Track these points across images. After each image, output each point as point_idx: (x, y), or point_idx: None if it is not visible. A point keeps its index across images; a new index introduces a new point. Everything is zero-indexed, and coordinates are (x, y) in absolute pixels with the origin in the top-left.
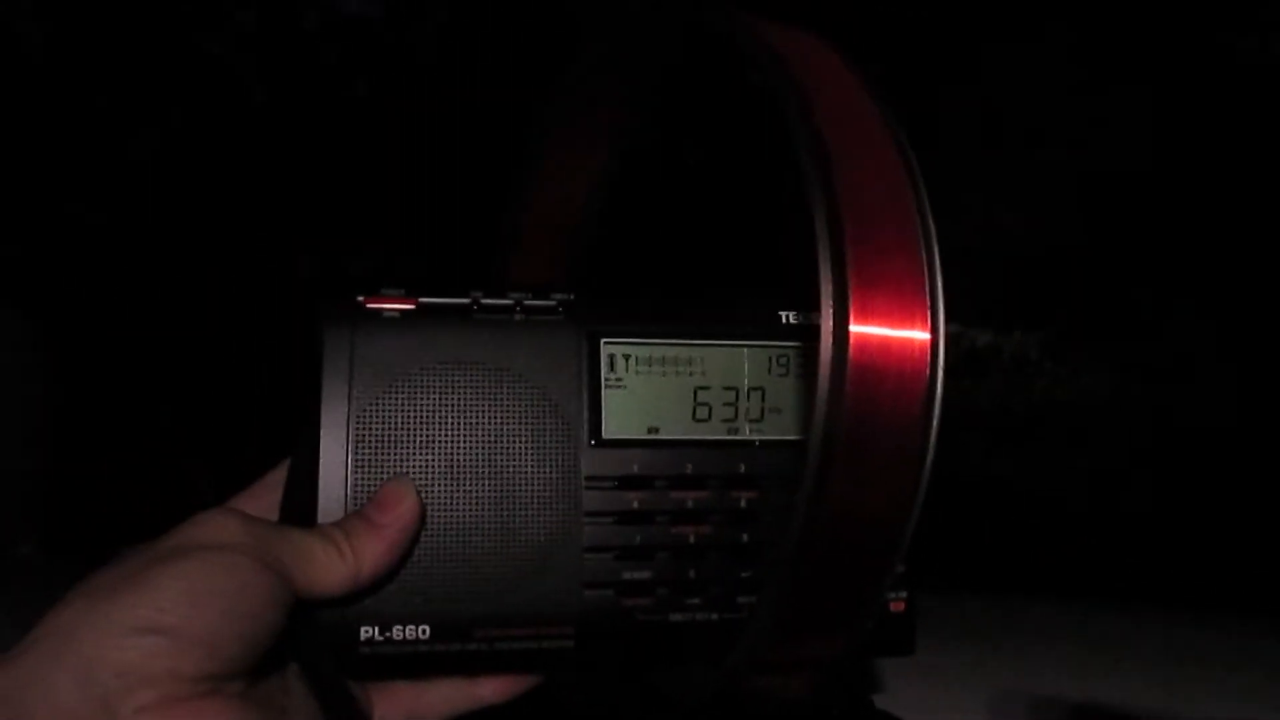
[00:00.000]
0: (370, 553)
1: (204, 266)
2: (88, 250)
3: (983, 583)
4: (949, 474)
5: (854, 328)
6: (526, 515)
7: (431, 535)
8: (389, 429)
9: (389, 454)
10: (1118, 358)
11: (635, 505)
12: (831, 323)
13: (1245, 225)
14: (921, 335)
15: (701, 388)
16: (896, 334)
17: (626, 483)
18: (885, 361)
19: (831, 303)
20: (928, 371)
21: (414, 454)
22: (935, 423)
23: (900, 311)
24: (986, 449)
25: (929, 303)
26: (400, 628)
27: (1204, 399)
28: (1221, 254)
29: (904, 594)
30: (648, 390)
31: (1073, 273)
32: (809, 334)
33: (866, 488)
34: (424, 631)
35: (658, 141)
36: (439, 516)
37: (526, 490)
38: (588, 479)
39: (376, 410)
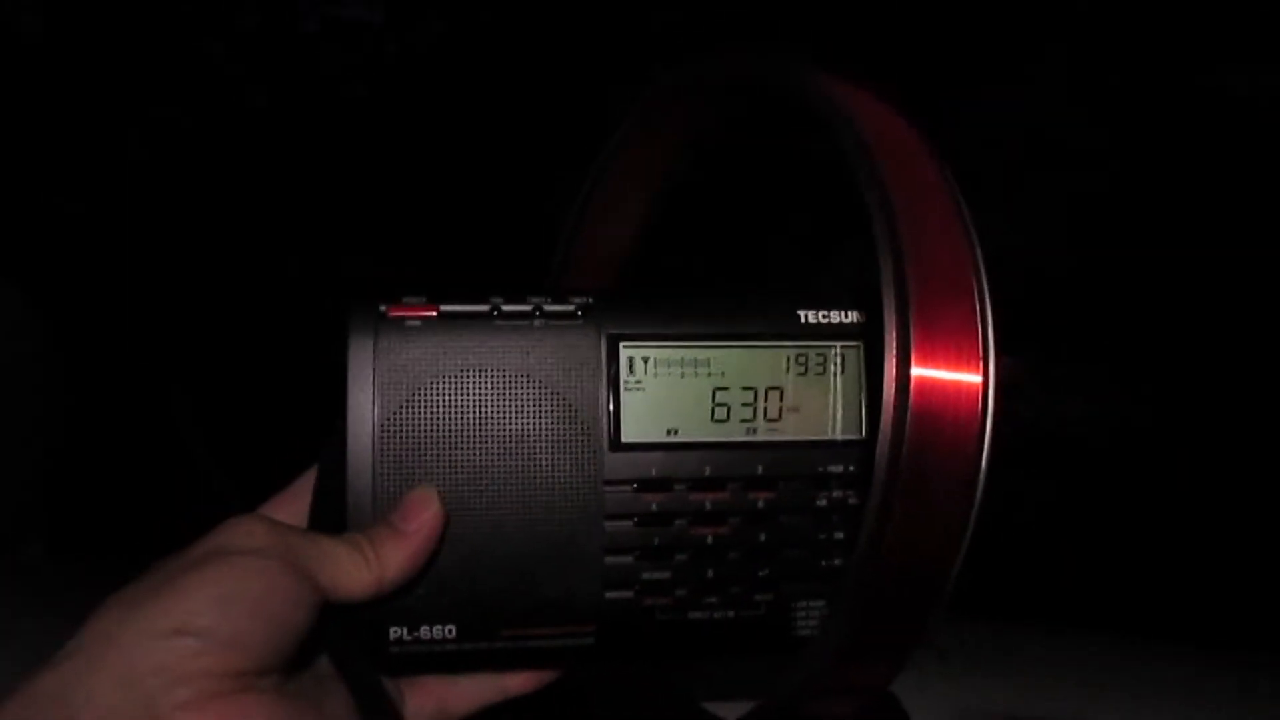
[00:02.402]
0: (395, 559)
1: (210, 266)
2: (93, 248)
3: (962, 608)
4: None
5: (915, 370)
6: (548, 518)
7: (457, 539)
8: (413, 436)
9: (414, 460)
10: (1103, 384)
11: (654, 507)
12: (895, 367)
13: (1233, 253)
14: (974, 378)
15: (720, 388)
16: (953, 377)
17: (646, 485)
18: (942, 402)
19: (895, 348)
20: (979, 410)
21: (438, 460)
22: (986, 458)
23: (956, 356)
24: None
25: (981, 347)
26: (428, 627)
27: (1190, 427)
28: (1209, 282)
29: None
30: (666, 392)
31: (1059, 298)
32: (827, 332)
33: (924, 519)
34: (451, 631)
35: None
36: (464, 520)
37: (548, 493)
38: (608, 482)
39: (401, 418)
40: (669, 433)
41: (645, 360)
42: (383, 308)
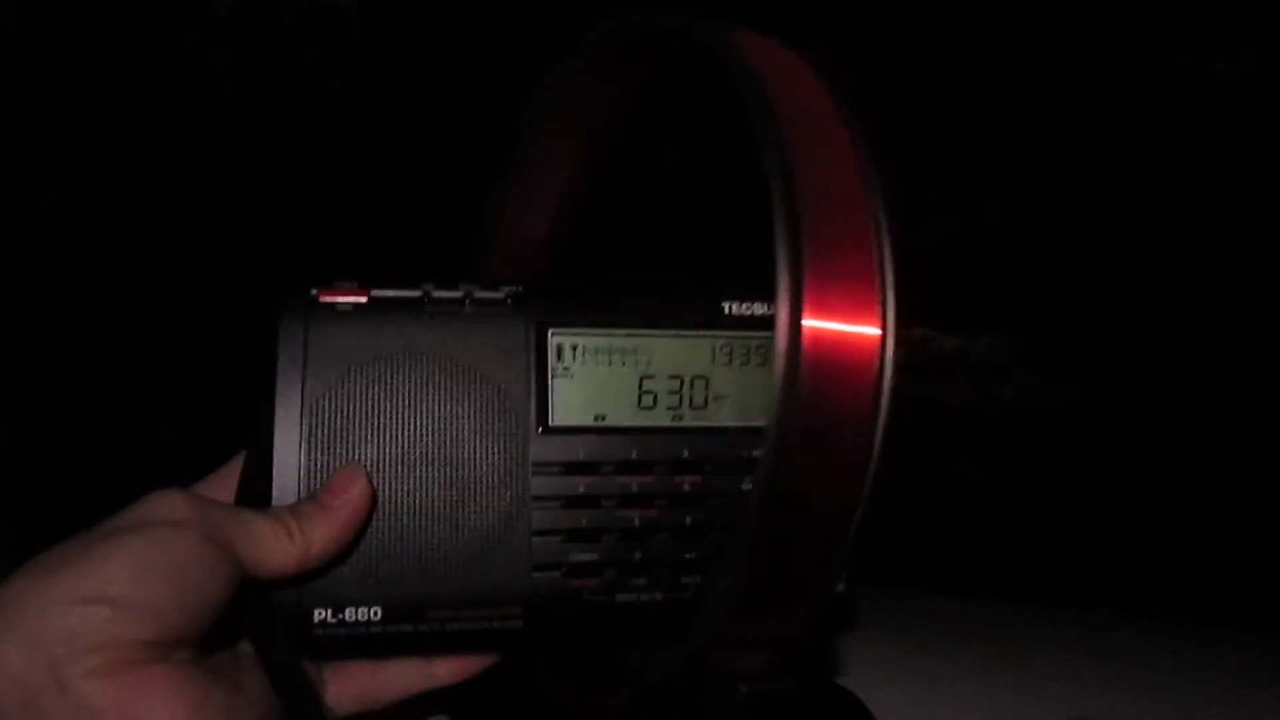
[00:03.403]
0: (320, 534)
1: (178, 256)
2: (59, 238)
3: (946, 583)
4: (915, 475)
5: (807, 322)
6: (477, 500)
7: (384, 520)
8: (342, 418)
9: (342, 442)
10: (1087, 365)
11: (582, 490)
12: (787, 316)
13: (1218, 234)
14: (873, 331)
15: (647, 376)
16: (848, 329)
17: (573, 468)
18: (837, 355)
19: (788, 297)
20: (877, 365)
21: (366, 442)
22: (884, 414)
23: (852, 307)
24: (954, 453)
25: (880, 300)
26: (353, 609)
27: (1172, 408)
28: (1196, 262)
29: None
30: (594, 379)
31: (1044, 279)
32: (751, 324)
33: (819, 474)
34: (376, 613)
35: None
36: (391, 502)
37: (477, 476)
38: (536, 464)
39: (330, 400)
40: (597, 418)
41: (574, 348)
42: (314, 292)
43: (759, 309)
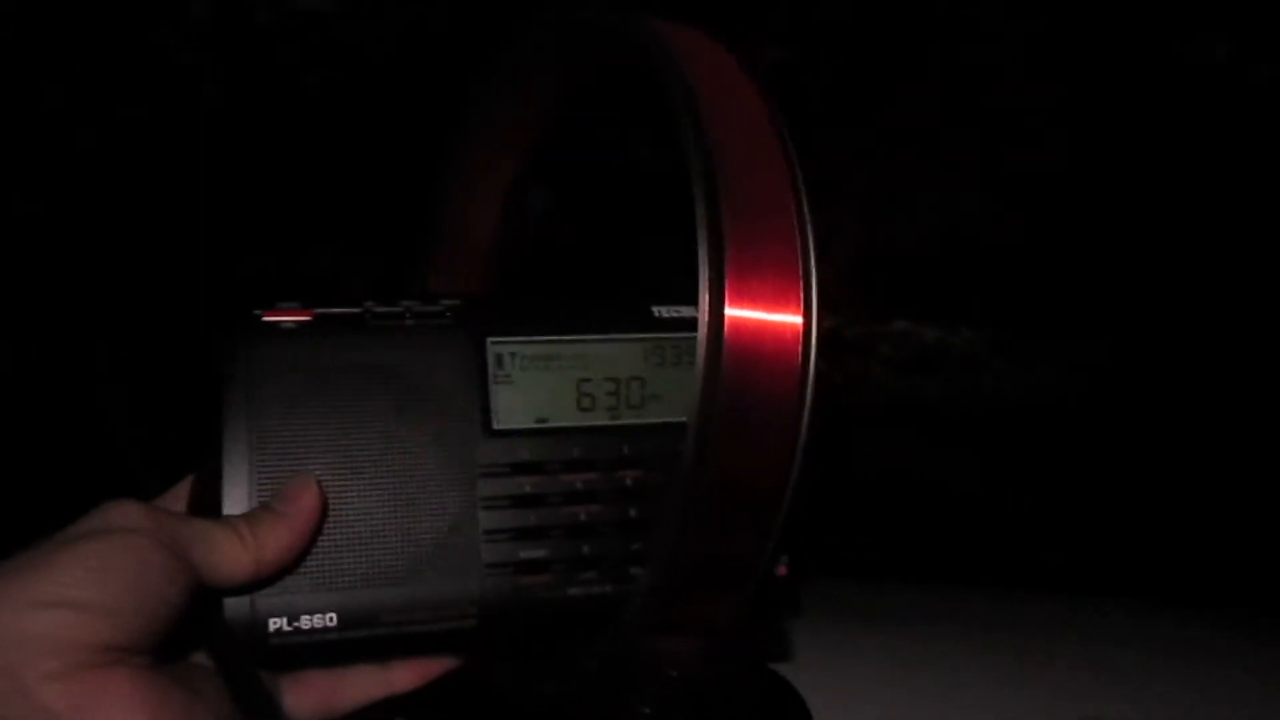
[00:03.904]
0: (273, 541)
1: (150, 262)
2: (27, 241)
3: (928, 576)
4: (892, 469)
5: (729, 311)
6: (426, 505)
7: (336, 529)
8: (290, 432)
9: (291, 455)
10: (1067, 356)
11: (528, 489)
12: (708, 306)
13: (1196, 226)
14: (794, 319)
15: (584, 379)
16: (770, 318)
17: (519, 469)
18: (759, 343)
19: (709, 287)
20: (800, 352)
21: (315, 454)
22: (809, 401)
23: (774, 296)
24: (934, 446)
25: (803, 288)
26: (308, 617)
27: (1152, 400)
28: (1173, 254)
29: (785, 558)
30: (534, 384)
31: (1023, 271)
32: (680, 325)
33: (743, 461)
34: (331, 619)
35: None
36: (343, 511)
37: (425, 482)
38: (482, 467)
39: (277, 418)
40: (539, 420)
41: (512, 355)
42: (257, 312)
43: (687, 312)
